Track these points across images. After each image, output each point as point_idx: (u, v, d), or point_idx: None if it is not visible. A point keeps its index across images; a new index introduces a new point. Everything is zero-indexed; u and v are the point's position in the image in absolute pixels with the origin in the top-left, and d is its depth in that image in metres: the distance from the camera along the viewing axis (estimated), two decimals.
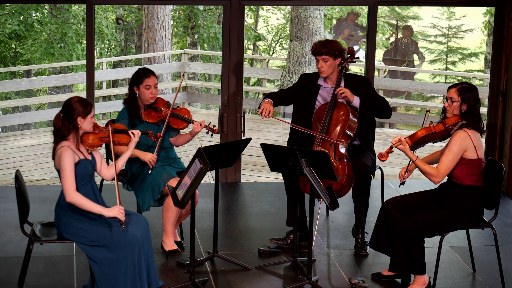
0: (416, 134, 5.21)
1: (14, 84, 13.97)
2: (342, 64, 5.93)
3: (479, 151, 5.16)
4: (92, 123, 4.91)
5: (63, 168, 4.76)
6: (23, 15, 15.00)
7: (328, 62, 5.87)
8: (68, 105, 4.84)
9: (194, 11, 16.89)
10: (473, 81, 14.81)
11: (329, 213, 6.79)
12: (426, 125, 5.26)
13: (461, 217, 5.20)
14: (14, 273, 5.36)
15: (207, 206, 6.94)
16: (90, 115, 4.88)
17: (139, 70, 5.83)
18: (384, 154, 5.20)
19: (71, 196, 4.76)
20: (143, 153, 5.66)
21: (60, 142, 4.83)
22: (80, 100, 4.87)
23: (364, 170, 5.80)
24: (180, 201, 4.97)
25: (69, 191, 4.76)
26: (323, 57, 5.85)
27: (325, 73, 5.90)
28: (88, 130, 4.90)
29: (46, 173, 9.73)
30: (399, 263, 5.28)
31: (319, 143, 5.81)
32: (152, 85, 5.75)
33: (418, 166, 5.17)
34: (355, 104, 5.85)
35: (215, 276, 5.49)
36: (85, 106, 4.85)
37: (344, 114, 5.81)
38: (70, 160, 4.77)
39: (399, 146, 5.18)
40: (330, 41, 5.91)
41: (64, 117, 4.84)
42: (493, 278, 5.56)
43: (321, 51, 5.84)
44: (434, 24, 18.66)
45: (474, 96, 5.17)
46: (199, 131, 5.78)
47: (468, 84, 5.23)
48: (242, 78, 7.70)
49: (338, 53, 5.87)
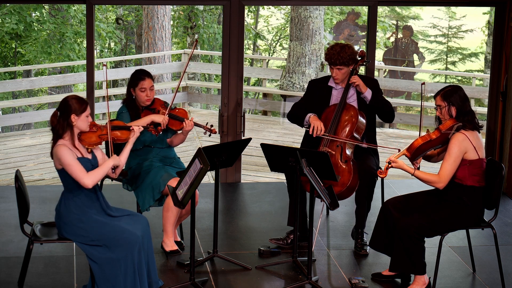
0: (413, 145, 5.17)
1: (14, 84, 13.97)
2: (353, 67, 5.94)
3: (480, 151, 5.15)
4: (87, 121, 4.89)
5: (66, 163, 4.76)
6: (22, 14, 14.99)
7: (342, 71, 5.89)
8: (64, 102, 4.84)
9: (194, 11, 16.89)
10: (473, 81, 14.82)
11: (329, 213, 6.79)
12: (427, 130, 5.22)
13: (461, 217, 5.19)
14: (14, 273, 5.36)
15: (207, 206, 6.93)
16: (85, 113, 4.86)
17: (135, 72, 5.82)
18: (383, 171, 5.17)
19: (87, 180, 4.77)
20: (156, 115, 5.67)
21: (57, 141, 4.83)
22: (76, 98, 4.86)
23: (368, 172, 5.80)
24: (180, 201, 4.97)
25: (83, 179, 4.76)
26: (337, 66, 5.86)
27: (339, 80, 5.93)
28: (83, 129, 4.88)
29: (46, 173, 9.73)
30: (399, 263, 5.28)
31: (326, 143, 5.80)
32: (147, 87, 5.74)
33: (419, 178, 5.14)
34: (367, 95, 5.85)
35: (215, 276, 5.49)
36: (80, 104, 4.84)
37: (354, 116, 5.80)
38: (69, 154, 4.77)
39: (393, 166, 5.14)
40: (343, 47, 5.86)
41: (59, 115, 4.84)
42: (493, 278, 5.56)
43: (335, 62, 5.83)
44: (434, 24, 18.66)
45: (459, 96, 5.16)
46: (190, 129, 5.78)
47: (450, 87, 5.21)
48: (242, 78, 7.70)
49: (352, 60, 5.87)
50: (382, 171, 5.16)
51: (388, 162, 5.14)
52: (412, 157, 5.19)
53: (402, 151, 5.21)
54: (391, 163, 5.13)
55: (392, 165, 5.14)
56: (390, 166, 5.14)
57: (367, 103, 5.91)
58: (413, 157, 5.20)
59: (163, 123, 5.65)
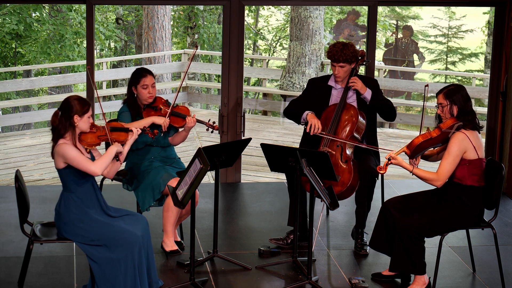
0: (413, 142, 5.18)
1: (14, 84, 13.97)
2: (354, 66, 5.95)
3: (479, 151, 5.15)
4: (89, 122, 4.90)
5: (71, 157, 4.76)
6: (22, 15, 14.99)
7: (344, 68, 5.89)
8: (66, 103, 4.84)
9: (194, 11, 16.89)
10: (473, 81, 14.82)
11: (329, 213, 6.79)
12: (427, 128, 5.22)
13: (461, 217, 5.19)
14: (14, 273, 5.36)
15: (207, 206, 6.93)
16: (87, 114, 4.87)
17: (136, 70, 5.82)
18: (383, 167, 5.17)
19: (95, 168, 4.79)
20: (157, 117, 5.67)
21: (58, 141, 4.83)
22: (79, 99, 4.87)
23: (369, 172, 5.80)
24: (180, 201, 4.97)
25: (91, 167, 4.78)
26: (340, 64, 5.86)
27: (341, 78, 5.93)
28: (84, 130, 4.89)
29: (46, 173, 9.73)
30: (399, 263, 5.28)
31: (326, 143, 5.80)
32: (149, 84, 5.74)
33: (417, 175, 5.14)
34: (367, 96, 5.86)
35: (215, 276, 5.49)
36: (82, 105, 4.85)
37: (354, 115, 5.80)
38: (73, 148, 4.78)
39: (393, 162, 5.15)
40: (346, 45, 5.88)
41: (61, 115, 4.84)
42: (493, 278, 5.56)
43: (339, 59, 5.84)
44: (434, 24, 18.66)
45: (462, 95, 5.16)
46: (193, 126, 5.78)
47: (453, 85, 5.20)
48: (242, 78, 7.70)
49: (355, 58, 5.88)
50: (381, 167, 5.16)
51: (388, 159, 5.15)
52: (412, 155, 5.19)
53: (402, 148, 5.22)
54: (390, 159, 5.13)
55: (392, 162, 5.14)
56: (390, 162, 5.14)
57: (367, 104, 5.91)
58: (413, 155, 5.20)
59: (164, 125, 5.65)
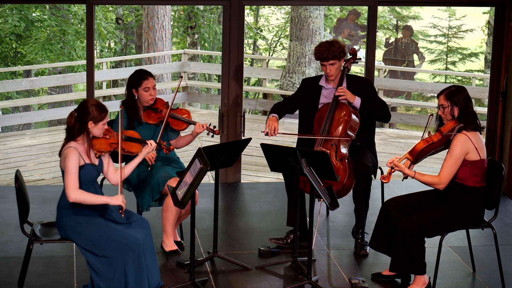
0: (415, 148, 5.16)
1: (14, 84, 13.97)
2: (344, 65, 5.93)
3: (481, 152, 5.14)
4: (103, 129, 4.87)
5: (67, 169, 4.75)
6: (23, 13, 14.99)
7: (335, 65, 5.87)
8: (84, 107, 4.82)
9: (194, 11, 16.89)
10: (473, 81, 14.82)
11: (329, 213, 6.79)
12: (428, 132, 5.21)
13: (462, 217, 5.19)
14: (14, 273, 5.36)
15: (207, 206, 6.93)
16: (102, 122, 4.84)
17: (136, 72, 5.80)
18: (386, 176, 5.14)
19: (73, 194, 4.72)
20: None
21: (69, 142, 4.82)
22: (97, 105, 4.83)
23: (365, 170, 5.80)
24: (180, 201, 4.97)
25: (71, 190, 4.72)
26: (330, 62, 5.85)
27: (333, 77, 5.92)
28: (97, 136, 4.88)
29: (46, 173, 9.74)
30: (399, 263, 5.28)
31: (321, 143, 5.81)
32: (150, 86, 5.74)
33: (419, 180, 5.13)
34: (356, 105, 5.85)
35: (215, 276, 5.49)
36: (100, 112, 4.82)
37: (346, 114, 5.80)
38: (75, 161, 4.75)
39: (395, 169, 5.13)
40: (331, 42, 5.88)
41: (76, 117, 4.82)
42: (493, 278, 5.56)
43: (328, 57, 5.82)
44: (434, 24, 18.66)
45: (463, 96, 5.15)
46: (200, 132, 5.77)
47: (454, 87, 5.19)
48: (242, 78, 7.70)
49: (343, 53, 5.87)
50: (385, 176, 5.12)
51: (391, 167, 5.11)
52: (415, 161, 5.18)
53: (405, 154, 5.20)
54: (393, 167, 5.10)
55: (395, 169, 5.12)
56: (393, 170, 5.12)
57: (358, 111, 5.88)
58: (416, 160, 5.18)
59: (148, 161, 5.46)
